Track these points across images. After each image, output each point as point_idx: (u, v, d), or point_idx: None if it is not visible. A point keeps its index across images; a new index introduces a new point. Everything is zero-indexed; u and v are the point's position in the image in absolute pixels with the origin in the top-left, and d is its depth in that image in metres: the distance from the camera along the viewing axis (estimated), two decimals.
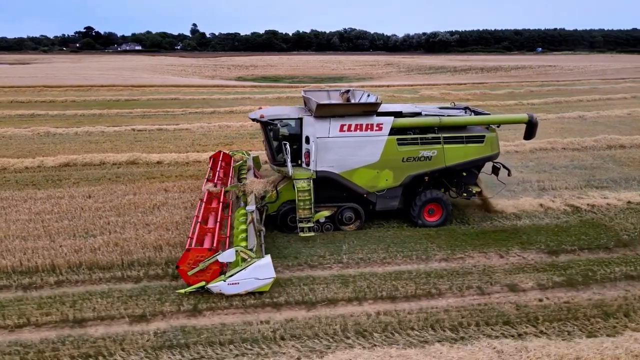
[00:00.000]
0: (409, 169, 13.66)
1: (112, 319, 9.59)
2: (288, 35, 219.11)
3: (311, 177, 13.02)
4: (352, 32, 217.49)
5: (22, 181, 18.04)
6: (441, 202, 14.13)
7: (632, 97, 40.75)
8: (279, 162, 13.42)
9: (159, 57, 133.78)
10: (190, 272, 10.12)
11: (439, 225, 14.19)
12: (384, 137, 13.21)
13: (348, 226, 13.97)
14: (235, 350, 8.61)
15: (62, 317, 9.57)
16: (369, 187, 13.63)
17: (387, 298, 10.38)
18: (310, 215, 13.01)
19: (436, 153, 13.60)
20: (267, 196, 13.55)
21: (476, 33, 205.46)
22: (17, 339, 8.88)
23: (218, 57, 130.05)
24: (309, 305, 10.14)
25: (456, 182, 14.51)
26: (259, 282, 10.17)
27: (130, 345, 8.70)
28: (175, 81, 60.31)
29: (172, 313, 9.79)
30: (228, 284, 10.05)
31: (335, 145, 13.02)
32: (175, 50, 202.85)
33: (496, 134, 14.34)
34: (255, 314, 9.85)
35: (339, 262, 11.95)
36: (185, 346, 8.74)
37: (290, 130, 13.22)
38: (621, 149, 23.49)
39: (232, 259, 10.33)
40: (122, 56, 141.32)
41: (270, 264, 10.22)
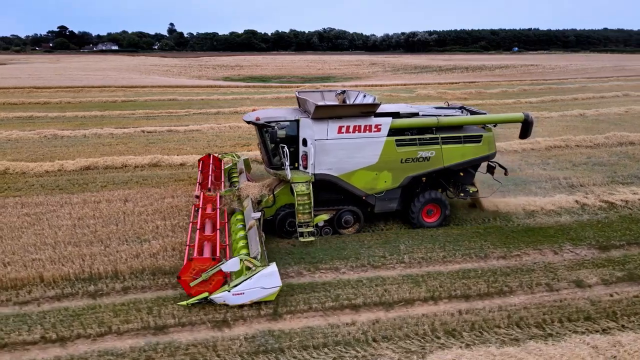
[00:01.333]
0: (407, 170, 13.49)
1: (193, 325, 9.41)
2: (267, 35, 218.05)
3: (310, 181, 12.67)
4: (332, 32, 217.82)
5: (48, 185, 17.51)
6: (440, 202, 14.05)
7: (624, 95, 41.92)
8: (275, 166, 13.09)
9: (140, 57, 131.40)
10: (192, 283, 9.75)
11: (437, 226, 14.10)
12: (383, 138, 13.01)
13: (347, 229, 13.73)
14: (332, 354, 8.55)
15: (143, 324, 9.34)
16: (368, 190, 13.42)
17: (461, 297, 10.46)
18: (310, 220, 12.66)
19: (434, 153, 13.50)
20: (264, 201, 13.20)
21: (454, 33, 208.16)
22: (105, 348, 8.63)
23: (201, 57, 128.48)
24: (386, 306, 10.14)
25: (453, 182, 14.44)
26: (264, 291, 9.81)
27: (224, 352, 8.55)
28: (167, 82, 59.42)
29: (253, 317, 9.65)
30: (233, 294, 9.67)
31: (333, 148, 12.74)
32: (153, 50, 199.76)
33: (493, 134, 14.31)
34: (336, 316, 9.81)
35: (401, 262, 11.97)
36: (280, 350, 8.63)
37: (287, 133, 12.82)
38: (631, 145, 24.15)
39: (237, 268, 9.97)
40: (101, 56, 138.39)
41: (276, 272, 9.84)
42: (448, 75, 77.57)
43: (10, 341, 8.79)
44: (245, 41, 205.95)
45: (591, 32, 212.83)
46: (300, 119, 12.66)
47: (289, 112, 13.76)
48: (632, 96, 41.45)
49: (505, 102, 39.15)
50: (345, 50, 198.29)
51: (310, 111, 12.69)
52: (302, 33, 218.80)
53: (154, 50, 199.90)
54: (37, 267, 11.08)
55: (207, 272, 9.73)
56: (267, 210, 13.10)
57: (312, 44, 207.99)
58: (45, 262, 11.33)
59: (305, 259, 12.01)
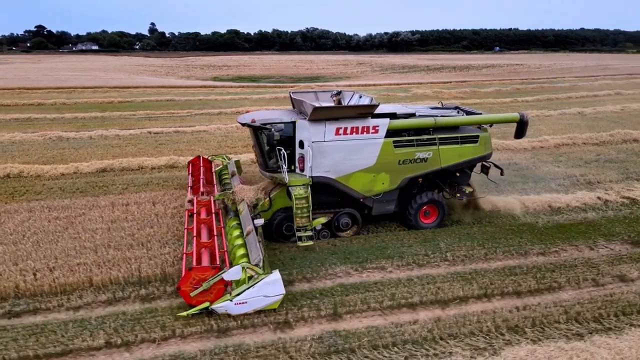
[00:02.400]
0: (405, 171, 13.33)
1: (255, 327, 9.35)
2: (250, 35, 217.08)
3: (308, 184, 12.38)
4: (315, 32, 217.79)
5: (67, 188, 17.17)
6: (437, 203, 13.96)
7: (616, 94, 42.89)
8: (271, 169, 12.80)
9: (123, 57, 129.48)
10: (192, 294, 9.39)
11: (434, 227, 13.99)
12: (381, 139, 12.81)
13: (345, 232, 13.52)
14: (403, 352, 8.60)
15: (206, 327, 9.25)
16: (366, 192, 13.22)
17: (512, 293, 10.61)
18: (308, 224, 12.36)
19: (432, 154, 13.38)
20: (260, 204, 12.83)
21: (436, 33, 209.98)
22: (174, 352, 8.52)
23: (186, 57, 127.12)
24: (442, 304, 10.22)
25: (449, 183, 14.38)
26: (268, 299, 9.57)
27: (297, 353, 8.53)
28: (160, 82, 58.72)
29: (313, 318, 9.65)
30: (235, 303, 9.37)
31: (331, 150, 12.47)
32: (134, 50, 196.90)
33: (489, 134, 14.28)
34: (394, 315, 9.85)
35: (444, 260, 12.09)
36: (351, 351, 8.64)
37: (282, 135, 12.38)
38: (636, 142, 24.77)
39: (239, 276, 9.58)
40: (83, 56, 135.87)
41: (280, 279, 9.62)
42: (437, 75, 78.27)
43: (75, 347, 8.62)
44: (228, 41, 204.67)
45: (569, 32, 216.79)
46: (297, 120, 12.41)
47: (284, 113, 13.46)
48: (624, 94, 42.47)
49: (503, 101, 39.70)
50: (328, 50, 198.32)
51: (307, 112, 12.40)
52: (286, 33, 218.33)
53: (136, 50, 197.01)
54: (84, 272, 10.89)
55: (208, 282, 9.38)
56: (263, 215, 12.73)
57: (295, 44, 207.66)
58: (92, 266, 11.13)
59: (350, 259, 12.04)
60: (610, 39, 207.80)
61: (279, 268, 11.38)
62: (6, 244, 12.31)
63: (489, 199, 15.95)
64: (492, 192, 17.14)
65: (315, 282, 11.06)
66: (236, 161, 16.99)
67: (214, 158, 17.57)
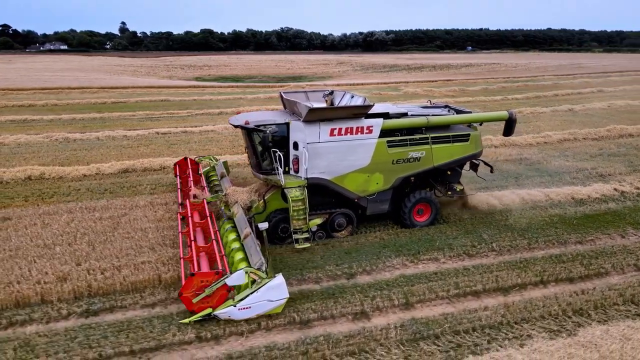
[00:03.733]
0: (398, 171, 13.39)
1: (334, 318, 9.66)
2: (224, 35, 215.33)
3: (304, 185, 12.35)
4: (290, 32, 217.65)
5: (95, 189, 17.03)
6: (430, 202, 14.08)
7: (599, 91, 44.72)
8: (265, 171, 12.70)
9: (98, 57, 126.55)
10: (195, 300, 9.21)
11: (428, 225, 14.09)
12: (375, 139, 12.83)
13: (340, 233, 13.47)
14: (484, 337, 9.04)
15: (288, 319, 9.51)
16: (360, 192, 13.22)
17: (565, 279, 11.20)
18: (304, 225, 12.33)
19: (424, 154, 13.48)
20: (254, 207, 12.65)
21: (410, 32, 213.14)
22: (265, 343, 8.75)
23: (163, 57, 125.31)
24: (503, 291, 10.73)
25: (441, 181, 14.53)
26: (272, 304, 9.47)
27: (386, 340, 8.87)
28: (148, 82, 58.02)
29: (387, 307, 10.02)
30: (239, 309, 9.23)
31: (326, 151, 12.40)
32: (106, 50, 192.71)
33: (479, 132, 14.45)
34: (461, 303, 10.30)
35: (492, 250, 12.63)
36: (435, 337, 9.04)
37: (276, 136, 12.30)
38: (631, 137, 26.01)
39: (242, 281, 9.48)
40: (56, 56, 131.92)
41: (284, 283, 9.51)
42: (418, 74, 79.54)
43: (167, 342, 8.75)
44: (202, 41, 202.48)
45: (537, 32, 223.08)
46: (291, 121, 12.30)
47: (277, 114, 13.41)
48: (606, 92, 44.30)
49: (493, 99, 40.87)
50: (304, 50, 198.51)
51: (301, 113, 12.31)
52: (260, 32, 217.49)
53: (107, 50, 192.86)
54: (151, 270, 10.94)
55: (211, 287, 9.20)
56: (257, 217, 12.50)
57: (270, 44, 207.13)
58: (157, 264, 11.20)
59: (402, 251, 12.45)
60: (576, 38, 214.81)
61: (335, 262, 11.84)
62: (61, 244, 12.23)
63: (514, 191, 16.66)
64: (513, 185, 17.91)
65: (376, 275, 11.42)
66: (224, 162, 16.74)
67: (201, 159, 17.37)
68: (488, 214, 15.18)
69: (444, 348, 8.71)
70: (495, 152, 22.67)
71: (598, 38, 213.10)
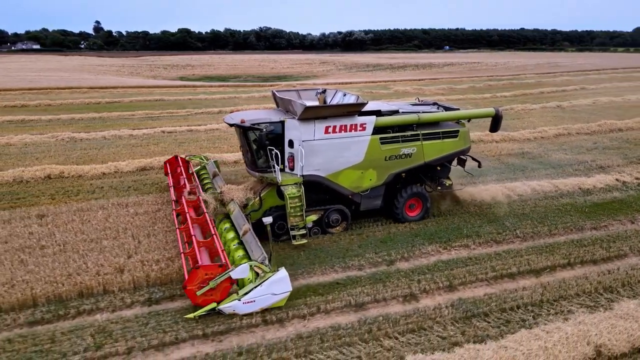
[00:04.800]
0: (391, 167, 13.69)
1: (386, 301, 10.27)
2: (202, 34, 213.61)
3: (300, 183, 12.56)
4: (269, 31, 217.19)
5: (119, 187, 17.25)
6: (421, 196, 14.39)
7: (582, 89, 46.45)
8: (261, 168, 12.85)
9: (77, 57, 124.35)
10: (199, 292, 9.32)
11: (419, 219, 14.42)
12: (368, 136, 13.10)
13: (335, 228, 13.66)
14: (529, 313, 9.76)
15: (344, 302, 10.07)
16: (354, 188, 13.47)
17: (590, 261, 12.05)
18: (301, 222, 12.54)
19: (416, 150, 13.81)
20: (250, 204, 12.82)
21: (389, 32, 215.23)
22: (331, 324, 9.31)
23: (143, 57, 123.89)
24: (535, 272, 11.51)
25: (431, 177, 14.94)
26: (275, 297, 9.62)
27: (441, 319, 9.52)
28: (138, 82, 57.72)
29: (433, 290, 10.69)
30: (243, 302, 9.35)
31: (321, 148, 12.61)
32: (81, 50, 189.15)
33: (467, 128, 14.87)
34: (499, 284, 11.02)
35: (516, 237, 13.42)
36: (484, 314, 9.73)
37: (270, 134, 12.38)
38: (620, 131, 27.36)
39: (246, 274, 9.63)
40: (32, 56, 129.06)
41: (287, 277, 9.68)
42: (402, 73, 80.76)
43: (236, 326, 9.21)
44: (180, 40, 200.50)
45: (511, 32, 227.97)
46: (286, 120, 12.45)
47: (271, 113, 13.52)
48: (589, 89, 46.06)
49: (483, 96, 42.09)
50: (283, 50, 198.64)
51: (296, 112, 12.49)
52: (239, 32, 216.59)
53: (82, 50, 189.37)
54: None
55: (215, 280, 9.31)
56: (253, 214, 12.73)
57: (249, 43, 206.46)
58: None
59: (434, 239, 13.13)
60: (549, 38, 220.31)
61: (373, 250, 12.45)
62: (107, 239, 12.53)
63: (525, 183, 17.56)
64: (522, 178, 18.81)
65: (414, 261, 12.06)
66: (215, 161, 16.93)
67: (192, 158, 17.54)
68: (505, 203, 15.96)
69: (495, 324, 9.40)
70: (497, 146, 23.63)
71: (569, 37, 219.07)
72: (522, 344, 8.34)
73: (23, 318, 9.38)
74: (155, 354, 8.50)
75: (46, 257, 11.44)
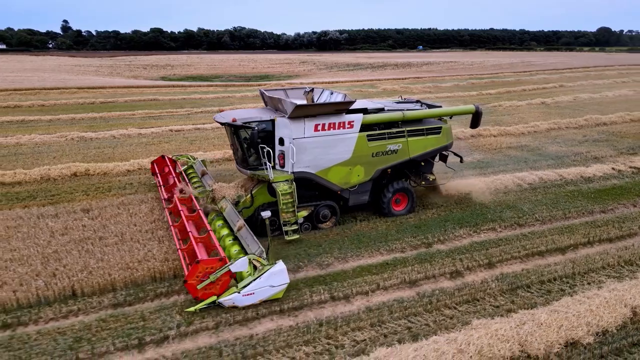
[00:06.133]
0: (378, 163, 14.11)
1: (435, 277, 11.27)
2: (175, 34, 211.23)
3: (291, 179, 12.85)
4: (243, 31, 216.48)
5: (148, 182, 17.79)
6: (407, 191, 14.83)
7: (560, 86, 48.72)
8: (252, 166, 13.10)
9: (50, 57, 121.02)
10: (200, 286, 9.53)
11: (405, 213, 14.86)
12: (356, 134, 13.49)
13: (325, 224, 13.96)
14: (565, 284, 10.89)
15: (399, 280, 11.02)
16: (343, 184, 13.82)
17: (606, 240, 13.32)
18: (293, 218, 12.81)
19: (401, 146, 14.26)
20: (242, 201, 13.07)
21: (363, 32, 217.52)
22: (396, 298, 10.26)
23: (121, 57, 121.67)
24: (561, 250, 12.69)
25: (415, 172, 15.49)
26: (273, 289, 9.88)
27: (490, 290, 10.57)
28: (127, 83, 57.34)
29: (475, 267, 11.72)
30: (243, 295, 9.59)
31: (311, 145, 12.92)
32: (49, 49, 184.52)
33: (450, 125, 15.40)
34: (531, 261, 12.14)
35: (536, 220, 14.62)
36: (527, 286, 10.82)
37: (261, 132, 12.57)
38: (605, 125, 29.21)
39: (245, 268, 9.89)
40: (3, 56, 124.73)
41: (285, 269, 9.99)
42: (383, 72, 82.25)
43: (307, 302, 10.05)
44: (153, 40, 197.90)
45: (481, 32, 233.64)
46: (276, 118, 12.74)
47: (261, 111, 13.77)
48: (567, 87, 48.37)
49: (470, 94, 43.74)
50: (257, 49, 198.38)
51: (286, 110, 12.77)
52: (213, 32, 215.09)
53: (51, 50, 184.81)
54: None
55: (216, 274, 9.55)
56: (245, 211, 12.99)
57: (223, 43, 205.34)
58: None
59: (463, 224, 14.21)
60: (517, 38, 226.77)
61: (411, 235, 13.45)
62: (161, 229, 13.14)
63: (532, 172, 18.88)
64: (526, 168, 20.14)
65: (449, 243, 13.11)
66: (202, 160, 17.30)
67: (178, 158, 17.75)
68: (518, 191, 17.22)
69: (539, 294, 10.51)
70: (497, 140, 25.01)
71: (537, 37, 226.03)
72: (569, 307, 9.45)
73: (107, 301, 10.00)
74: (240, 328, 9.26)
75: (109, 247, 12.03)
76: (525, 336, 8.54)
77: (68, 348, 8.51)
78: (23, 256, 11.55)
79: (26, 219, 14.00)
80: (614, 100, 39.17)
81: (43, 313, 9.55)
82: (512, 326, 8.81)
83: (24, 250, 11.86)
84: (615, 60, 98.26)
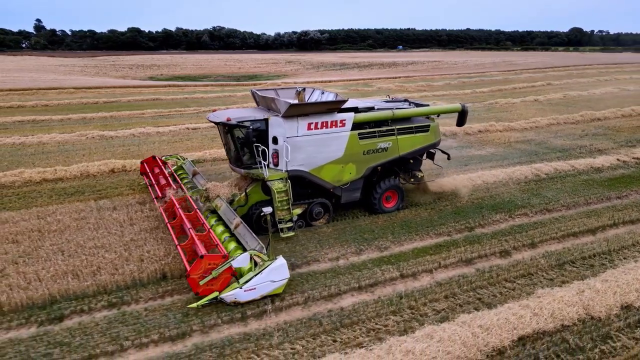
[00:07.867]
0: (369, 161, 14.39)
1: (487, 256, 12.34)
2: (154, 33, 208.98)
3: (286, 178, 13.08)
4: (222, 31, 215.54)
5: None
6: (397, 188, 15.25)
7: (547, 84, 50.78)
8: (246, 165, 13.27)
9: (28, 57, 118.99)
10: (202, 282, 9.67)
11: (395, 210, 15.29)
12: (347, 132, 13.75)
13: (318, 221, 14.24)
14: (604, 260, 12.09)
15: (458, 259, 12.09)
16: (335, 182, 14.07)
17: (629, 222, 14.62)
18: (288, 215, 13.07)
19: (391, 144, 14.58)
20: (236, 200, 13.30)
21: (343, 32, 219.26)
22: (441, 279, 11.30)
23: (103, 57, 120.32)
24: (591, 231, 13.92)
25: (404, 170, 15.85)
26: (274, 284, 10.02)
27: (542, 266, 11.72)
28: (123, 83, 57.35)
29: (519, 247, 12.84)
30: (245, 290, 9.70)
31: (304, 144, 13.12)
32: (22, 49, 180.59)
33: (437, 123, 15.71)
34: (567, 241, 13.33)
35: (562, 205, 15.85)
36: (571, 262, 12.01)
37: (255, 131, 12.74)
38: (599, 121, 30.95)
39: (246, 263, 10.06)
40: None
41: (285, 264, 10.11)
42: (371, 71, 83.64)
43: (380, 280, 11.03)
44: (130, 39, 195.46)
45: (459, 32, 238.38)
46: (270, 117, 12.89)
47: (254, 111, 13.99)
48: (555, 85, 50.47)
49: (464, 92, 45.33)
50: (237, 49, 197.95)
51: (279, 109, 13.00)
52: (192, 31, 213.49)
53: (25, 49, 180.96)
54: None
55: (218, 269, 9.71)
56: (240, 210, 13.23)
57: (203, 43, 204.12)
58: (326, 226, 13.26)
59: (497, 210, 15.37)
60: (493, 38, 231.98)
61: (452, 220, 14.54)
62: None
63: (546, 164, 20.23)
64: (537, 161, 21.48)
65: (489, 227, 14.22)
66: (192, 161, 17.56)
67: (168, 158, 18.00)
68: (537, 181, 18.51)
69: (583, 269, 11.69)
70: (504, 135, 26.40)
71: (512, 37, 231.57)
72: (617, 277, 10.67)
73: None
74: (326, 302, 10.18)
75: None
76: (587, 301, 9.71)
77: (180, 321, 9.29)
78: (104, 244, 12.22)
79: (88, 211, 14.61)
80: (601, 97, 41.23)
81: (142, 293, 10.28)
82: (574, 293, 9.97)
83: (102, 239, 12.53)
84: (591, 59, 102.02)
